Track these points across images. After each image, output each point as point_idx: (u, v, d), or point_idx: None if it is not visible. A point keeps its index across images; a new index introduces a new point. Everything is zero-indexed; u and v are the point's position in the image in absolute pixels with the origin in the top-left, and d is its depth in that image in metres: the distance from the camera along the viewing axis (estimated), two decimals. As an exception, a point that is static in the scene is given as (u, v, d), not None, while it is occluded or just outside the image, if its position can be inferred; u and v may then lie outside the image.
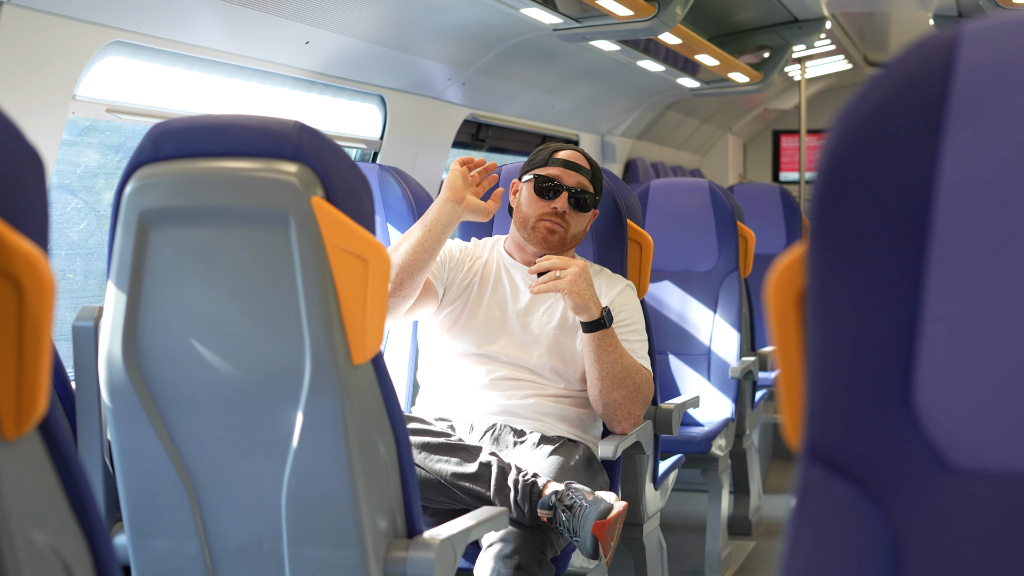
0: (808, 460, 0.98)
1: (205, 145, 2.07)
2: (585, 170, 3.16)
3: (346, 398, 2.00)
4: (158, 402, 2.13)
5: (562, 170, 3.14)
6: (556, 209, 3.11)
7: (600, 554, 2.62)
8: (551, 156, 3.18)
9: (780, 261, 1.00)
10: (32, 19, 2.80)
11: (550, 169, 3.15)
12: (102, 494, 2.39)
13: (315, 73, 4.15)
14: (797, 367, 0.99)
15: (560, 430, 3.02)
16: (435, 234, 2.96)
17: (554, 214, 3.11)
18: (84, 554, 1.19)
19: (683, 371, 4.74)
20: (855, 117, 0.95)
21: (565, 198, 3.11)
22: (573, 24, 4.93)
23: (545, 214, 3.12)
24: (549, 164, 3.17)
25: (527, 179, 3.19)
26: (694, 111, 9.31)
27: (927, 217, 0.93)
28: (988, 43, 0.93)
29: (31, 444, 1.14)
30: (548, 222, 3.11)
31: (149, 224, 2.08)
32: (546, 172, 3.15)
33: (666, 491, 3.72)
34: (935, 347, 0.93)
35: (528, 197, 3.16)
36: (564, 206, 3.11)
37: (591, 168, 3.18)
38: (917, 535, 0.94)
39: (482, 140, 6.06)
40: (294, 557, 2.10)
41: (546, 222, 3.11)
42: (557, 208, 3.11)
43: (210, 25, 3.43)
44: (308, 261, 1.98)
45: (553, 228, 3.11)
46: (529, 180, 3.17)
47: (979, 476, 0.93)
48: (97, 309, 2.32)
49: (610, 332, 2.97)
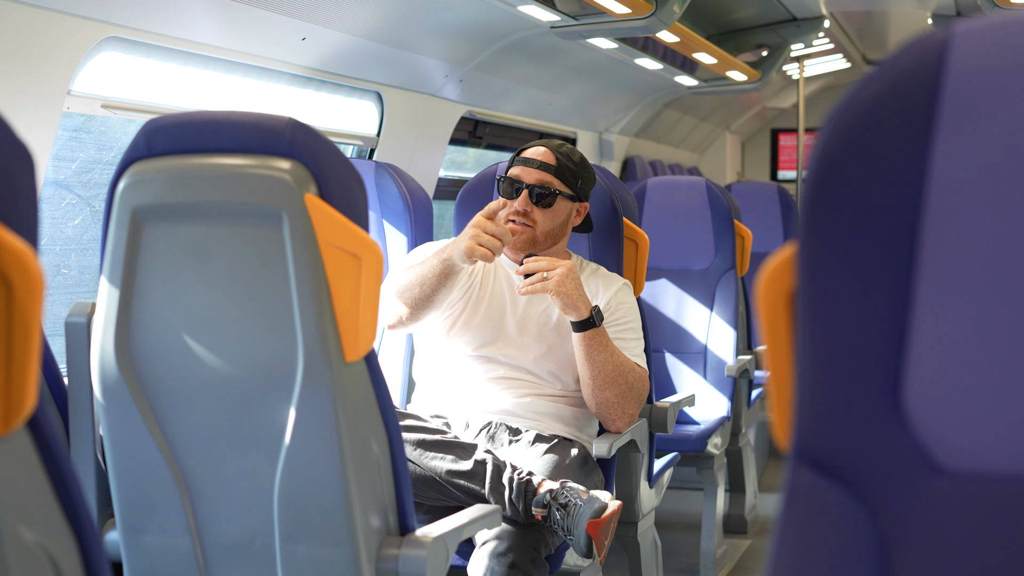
0: (797, 461, 0.98)
1: (199, 141, 2.07)
2: (548, 166, 3.12)
3: (339, 395, 2.00)
4: (150, 398, 2.13)
5: (523, 168, 3.13)
6: (516, 209, 3.09)
7: (594, 553, 2.62)
8: (517, 155, 3.18)
9: (770, 260, 1.00)
10: (27, 14, 2.80)
11: (513, 169, 3.15)
12: (94, 490, 2.38)
13: (311, 69, 4.14)
14: (786, 367, 0.99)
15: (555, 429, 3.02)
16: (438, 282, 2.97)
17: (516, 213, 3.10)
18: (73, 552, 1.19)
19: (679, 369, 4.74)
20: (846, 116, 0.95)
21: (525, 196, 3.10)
22: (571, 21, 4.93)
23: (510, 214, 3.11)
24: (514, 164, 3.17)
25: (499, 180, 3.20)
26: (692, 109, 9.31)
27: (917, 217, 0.93)
28: (980, 43, 0.93)
29: (20, 441, 1.14)
30: (511, 223, 3.10)
31: (142, 220, 2.07)
32: (509, 172, 3.15)
33: (661, 489, 3.72)
34: (924, 348, 0.93)
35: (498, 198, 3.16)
36: (525, 204, 3.09)
37: (558, 164, 3.14)
38: (906, 537, 0.94)
39: (479, 137, 6.05)
40: (286, 554, 2.10)
41: (510, 224, 3.10)
42: (517, 207, 3.09)
43: (206, 21, 3.43)
44: (301, 258, 1.98)
45: (515, 230, 3.09)
46: (499, 180, 3.18)
47: (968, 478, 0.93)
48: (90, 305, 2.32)
49: (600, 331, 2.96)
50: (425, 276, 2.94)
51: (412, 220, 3.67)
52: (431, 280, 2.93)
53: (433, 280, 2.93)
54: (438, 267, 2.92)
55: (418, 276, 2.95)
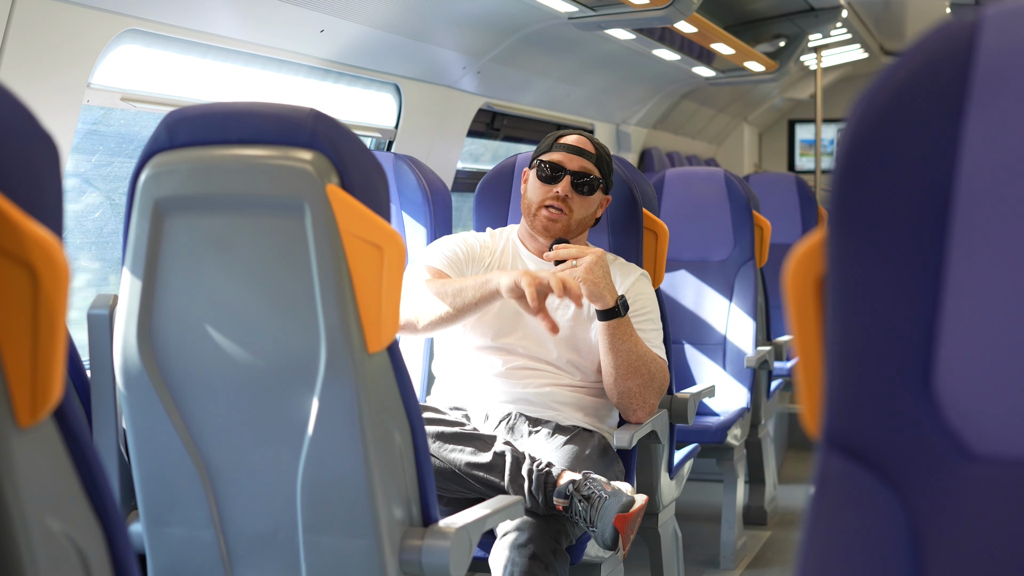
0: (827, 447, 0.97)
1: (220, 133, 2.07)
2: (589, 154, 3.14)
3: (361, 386, 2.00)
4: (173, 390, 2.13)
5: (564, 154, 3.13)
6: (558, 193, 3.09)
7: (619, 546, 2.61)
8: (555, 141, 3.17)
9: (798, 247, 0.99)
10: (47, 7, 2.80)
11: (553, 155, 3.14)
12: (117, 482, 2.39)
13: (330, 61, 4.14)
14: (816, 354, 0.98)
15: (575, 419, 3.02)
16: None
17: (556, 198, 3.09)
18: (100, 542, 1.19)
19: (699, 360, 4.73)
20: (876, 100, 0.94)
21: (568, 182, 3.10)
22: (588, 12, 4.92)
23: (547, 199, 3.10)
24: (553, 150, 3.16)
25: (534, 165, 3.18)
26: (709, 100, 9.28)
27: (948, 202, 0.92)
28: (1010, 27, 0.93)
29: (46, 431, 1.14)
30: (549, 210, 3.10)
31: (164, 212, 2.08)
32: (549, 158, 3.14)
33: (681, 481, 3.71)
34: (955, 333, 0.92)
35: (532, 184, 3.16)
36: (567, 190, 3.10)
37: (596, 152, 3.16)
38: (937, 522, 0.93)
39: (497, 129, 6.05)
40: (309, 545, 2.10)
41: (546, 210, 3.10)
42: (559, 192, 3.09)
43: (225, 13, 3.43)
44: (323, 249, 1.98)
45: (553, 216, 3.09)
46: (535, 166, 3.17)
47: (999, 463, 0.92)
48: (112, 297, 2.32)
49: (625, 321, 2.96)
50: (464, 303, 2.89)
51: (431, 212, 3.67)
52: (469, 306, 2.89)
53: (471, 307, 2.89)
54: (478, 296, 2.87)
55: (453, 296, 2.90)
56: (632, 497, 2.64)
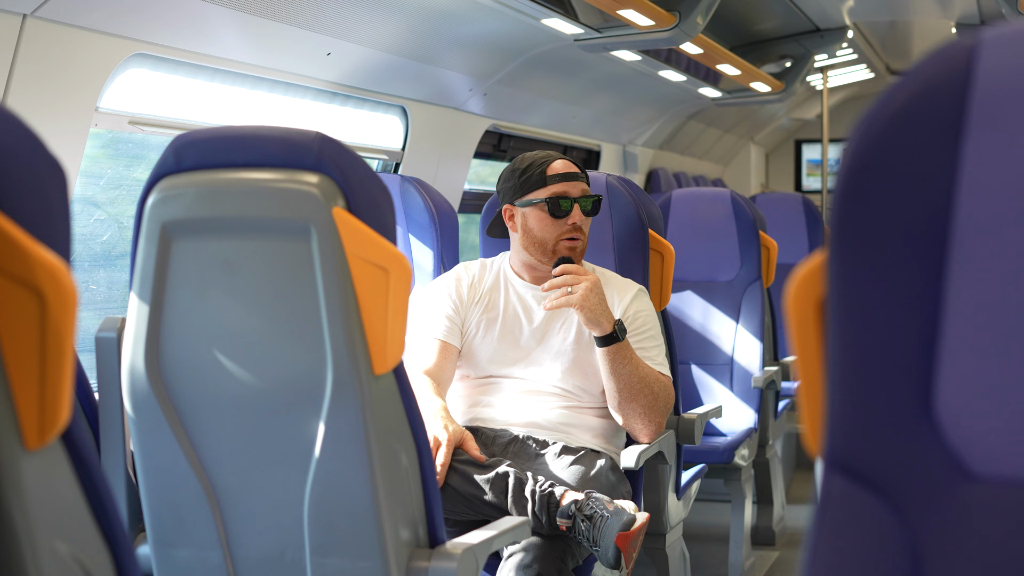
0: (828, 468, 0.98)
1: (227, 156, 2.08)
2: (579, 174, 3.14)
3: (368, 408, 2.00)
4: (180, 412, 2.14)
5: (563, 185, 3.09)
6: (575, 224, 3.08)
7: (622, 565, 2.61)
8: (545, 175, 3.10)
9: (800, 269, 1.00)
10: (55, 32, 2.82)
11: (554, 188, 3.09)
12: (125, 504, 2.39)
13: (337, 84, 4.16)
14: (817, 375, 0.99)
15: (583, 441, 3.02)
16: None
17: (573, 230, 3.09)
18: (107, 564, 1.19)
19: (705, 381, 4.73)
20: (875, 123, 0.95)
21: (578, 210, 3.09)
22: (594, 34, 4.94)
23: (564, 233, 3.09)
24: (549, 183, 3.09)
25: (532, 204, 3.10)
26: (716, 120, 9.30)
27: (947, 224, 0.93)
28: (1008, 50, 0.93)
29: (54, 454, 1.14)
30: (568, 241, 3.09)
31: (171, 235, 2.08)
32: (551, 192, 3.09)
33: (689, 501, 3.71)
34: (955, 355, 0.93)
35: (540, 222, 3.10)
36: (580, 218, 3.09)
37: (583, 172, 3.17)
38: (938, 543, 0.93)
39: (503, 151, 6.06)
40: (316, 567, 2.10)
41: (566, 242, 3.09)
42: (576, 223, 3.08)
43: (232, 37, 3.45)
44: (329, 272, 1.98)
45: (573, 245, 3.09)
46: (535, 205, 3.10)
47: (1000, 484, 0.92)
48: (120, 320, 2.33)
49: (624, 345, 2.96)
50: None
51: (438, 233, 3.67)
52: None
53: None
54: None
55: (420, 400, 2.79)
56: (634, 515, 2.64)
